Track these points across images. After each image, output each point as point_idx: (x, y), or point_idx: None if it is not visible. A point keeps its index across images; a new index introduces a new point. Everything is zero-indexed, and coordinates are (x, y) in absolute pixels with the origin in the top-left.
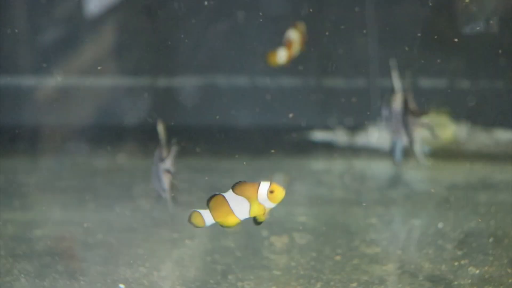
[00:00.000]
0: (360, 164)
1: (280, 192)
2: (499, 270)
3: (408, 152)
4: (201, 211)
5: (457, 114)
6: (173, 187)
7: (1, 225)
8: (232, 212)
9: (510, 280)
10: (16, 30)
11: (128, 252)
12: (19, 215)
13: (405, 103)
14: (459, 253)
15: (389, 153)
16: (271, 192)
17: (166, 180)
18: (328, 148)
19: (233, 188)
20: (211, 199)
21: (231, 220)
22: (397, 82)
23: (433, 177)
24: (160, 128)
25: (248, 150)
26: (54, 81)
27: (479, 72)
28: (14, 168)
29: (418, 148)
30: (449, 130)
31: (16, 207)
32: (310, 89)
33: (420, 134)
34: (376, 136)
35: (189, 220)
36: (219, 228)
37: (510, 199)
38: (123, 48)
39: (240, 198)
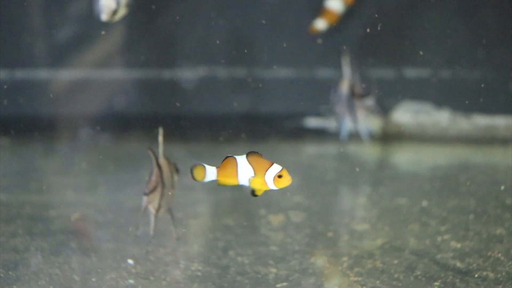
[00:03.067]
0: (350, 147)
1: (287, 180)
2: (479, 244)
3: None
4: (207, 166)
5: (441, 102)
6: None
7: (19, 206)
8: (236, 175)
9: (488, 253)
10: (33, 28)
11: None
12: (36, 197)
13: (352, 87)
14: (442, 228)
15: (337, 132)
16: (279, 176)
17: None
18: (321, 133)
19: (247, 155)
20: (225, 159)
21: (231, 181)
22: (346, 68)
23: (418, 159)
24: (160, 138)
25: (248, 133)
26: (66, 74)
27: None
28: (31, 154)
29: (362, 128)
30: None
31: (33, 189)
32: (303, 79)
33: (364, 116)
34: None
35: (192, 171)
36: (220, 207)
37: (489, 179)
38: (129, 43)
39: (249, 167)
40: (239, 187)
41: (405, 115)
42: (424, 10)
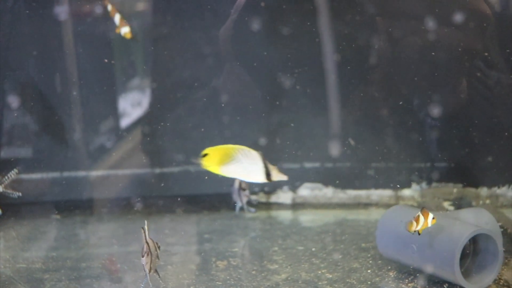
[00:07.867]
0: (273, 213)
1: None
2: (343, 275)
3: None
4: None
5: (327, 183)
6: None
7: (63, 260)
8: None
9: (347, 280)
10: (73, 145)
11: (137, 270)
12: (73, 253)
13: (240, 183)
14: (322, 265)
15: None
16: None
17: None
18: (254, 205)
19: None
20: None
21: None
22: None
23: (313, 219)
24: (146, 227)
25: (209, 209)
26: (96, 172)
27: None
28: (73, 225)
29: (245, 206)
30: None
31: (72, 248)
32: None
33: (246, 199)
34: (282, 196)
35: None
36: (188, 257)
37: (353, 231)
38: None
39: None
40: None
41: (306, 190)
42: (310, 126)
